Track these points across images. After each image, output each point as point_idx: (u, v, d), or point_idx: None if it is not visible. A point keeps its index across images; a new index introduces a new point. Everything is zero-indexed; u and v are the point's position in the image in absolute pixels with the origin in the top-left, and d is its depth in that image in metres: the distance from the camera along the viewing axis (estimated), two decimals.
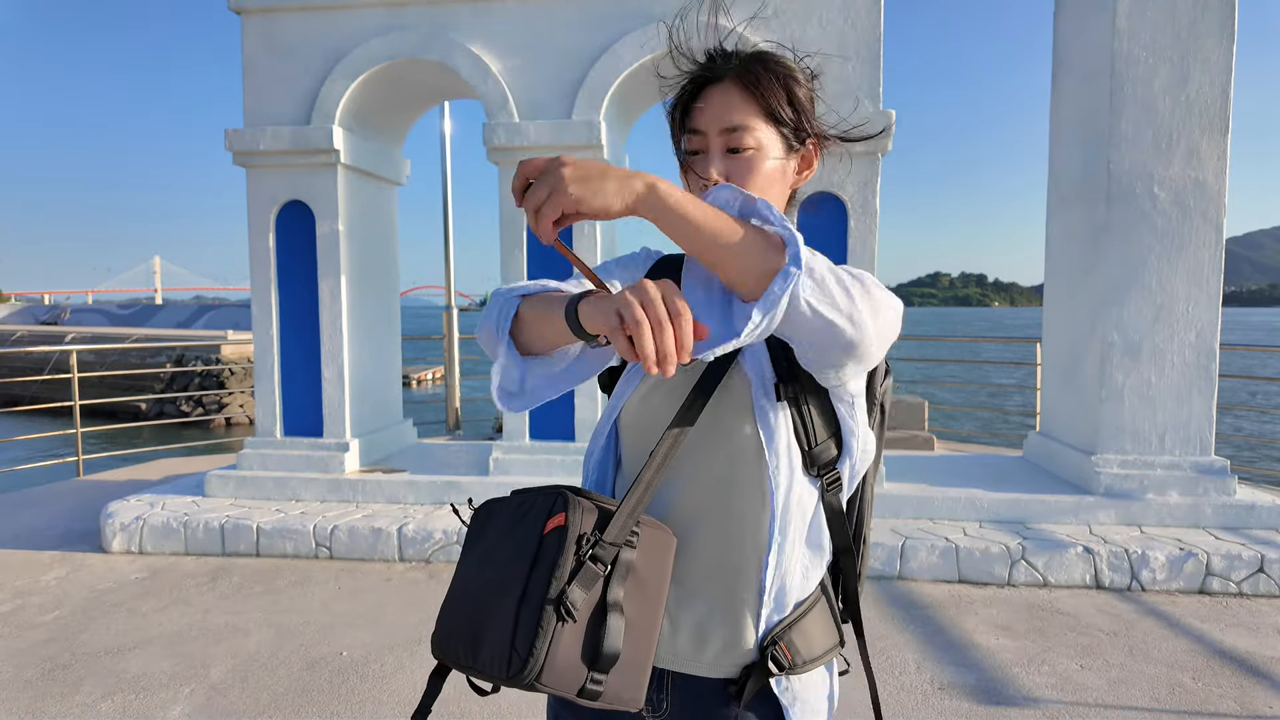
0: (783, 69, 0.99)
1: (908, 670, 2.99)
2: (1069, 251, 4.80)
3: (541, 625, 0.80)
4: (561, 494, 0.87)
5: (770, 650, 0.93)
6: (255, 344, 4.93)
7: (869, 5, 4.30)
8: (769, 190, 0.99)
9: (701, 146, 0.97)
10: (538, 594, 0.81)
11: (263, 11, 4.72)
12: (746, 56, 0.98)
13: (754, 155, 0.96)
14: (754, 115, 0.96)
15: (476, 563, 0.92)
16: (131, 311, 44.58)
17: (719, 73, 0.97)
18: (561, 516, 0.85)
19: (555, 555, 0.83)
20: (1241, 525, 4.10)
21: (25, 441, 10.80)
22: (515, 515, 0.91)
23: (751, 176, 0.96)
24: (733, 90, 0.96)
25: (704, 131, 0.96)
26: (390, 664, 3.05)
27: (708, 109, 0.96)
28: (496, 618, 0.83)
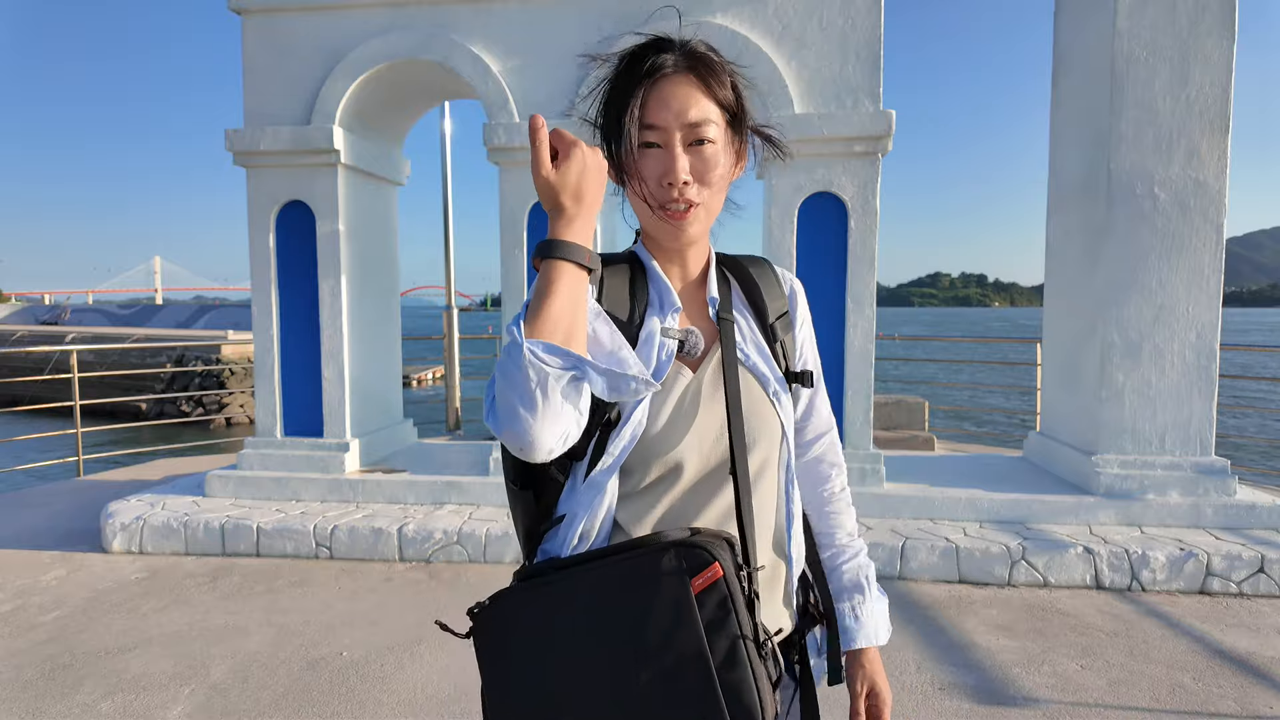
0: (724, 60, 0.99)
1: (908, 670, 2.99)
2: (1069, 252, 4.80)
3: (755, 672, 0.78)
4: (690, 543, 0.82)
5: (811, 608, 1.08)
6: (255, 344, 4.93)
7: (869, 5, 4.30)
8: (722, 184, 0.99)
9: (661, 140, 0.95)
10: (732, 648, 0.78)
11: (263, 11, 4.72)
12: (690, 46, 0.97)
13: (714, 150, 0.96)
14: (711, 106, 0.95)
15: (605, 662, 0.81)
16: (132, 311, 44.58)
17: (667, 64, 0.95)
18: (715, 568, 0.80)
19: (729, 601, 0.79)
20: (1242, 525, 4.10)
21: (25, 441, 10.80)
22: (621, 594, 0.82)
23: (713, 170, 0.95)
24: (690, 83, 0.94)
25: (662, 125, 0.94)
26: (391, 664, 3.05)
27: (669, 102, 0.94)
28: (688, 702, 0.77)
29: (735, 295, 1.09)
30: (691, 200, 0.95)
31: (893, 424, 7.20)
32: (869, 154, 4.33)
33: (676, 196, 0.95)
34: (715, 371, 1.00)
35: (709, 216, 1.00)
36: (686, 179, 0.94)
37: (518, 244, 4.69)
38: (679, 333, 1.00)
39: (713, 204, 0.98)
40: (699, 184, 0.95)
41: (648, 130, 0.94)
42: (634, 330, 0.98)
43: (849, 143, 4.31)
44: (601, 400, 0.91)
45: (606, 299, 0.99)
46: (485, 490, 4.64)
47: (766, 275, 1.11)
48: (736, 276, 1.10)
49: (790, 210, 4.38)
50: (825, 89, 4.34)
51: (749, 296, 1.09)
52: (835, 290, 4.40)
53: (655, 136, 0.95)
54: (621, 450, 0.93)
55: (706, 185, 0.96)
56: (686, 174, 0.94)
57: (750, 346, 1.03)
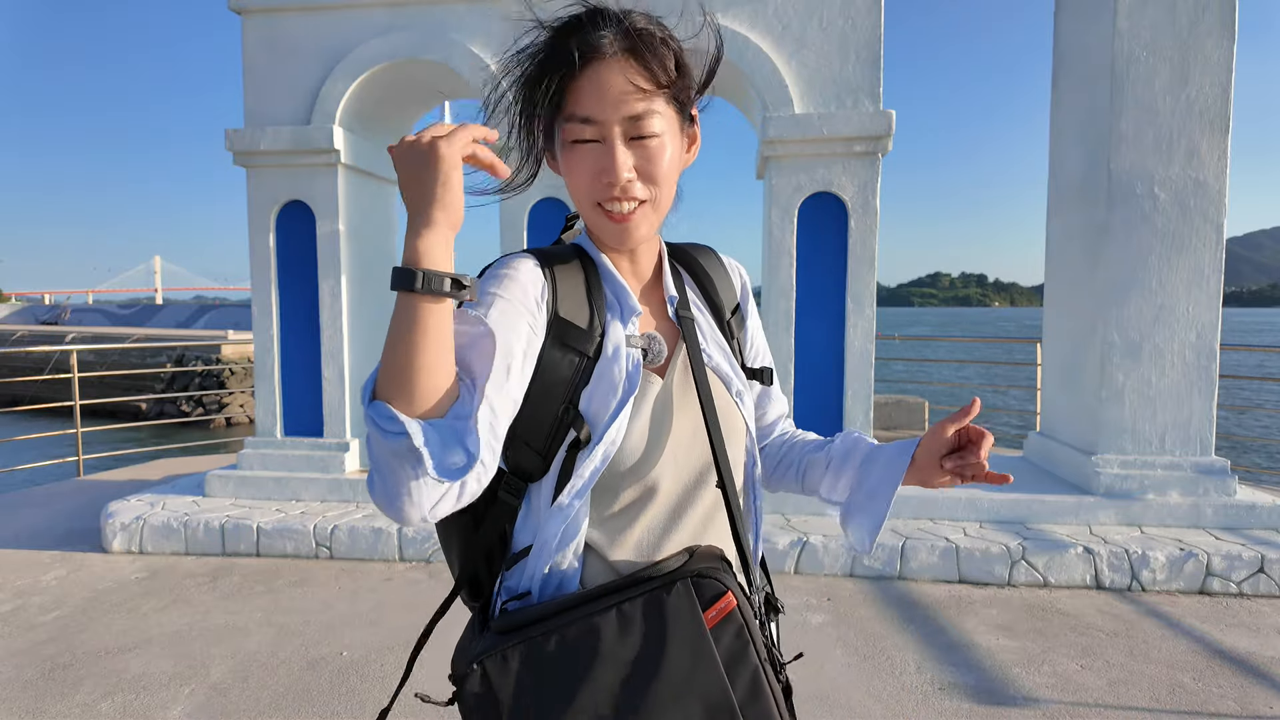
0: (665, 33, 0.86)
1: (908, 670, 2.99)
2: (1069, 252, 4.80)
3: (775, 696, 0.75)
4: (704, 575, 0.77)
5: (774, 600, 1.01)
6: (255, 344, 4.93)
7: (869, 5, 4.30)
8: (672, 177, 0.88)
9: (596, 135, 0.82)
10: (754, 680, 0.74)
11: (263, 11, 4.72)
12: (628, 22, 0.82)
13: (660, 144, 0.84)
14: (655, 94, 0.83)
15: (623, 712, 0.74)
16: (132, 311, 44.60)
17: (602, 47, 0.80)
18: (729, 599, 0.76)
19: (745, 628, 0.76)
20: (1242, 525, 4.10)
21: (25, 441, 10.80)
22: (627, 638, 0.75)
23: (660, 165, 0.84)
24: (630, 69, 0.81)
25: (599, 120, 0.81)
26: (391, 664, 3.05)
27: (605, 93, 0.80)
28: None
29: (690, 290, 1.02)
30: (636, 198, 0.85)
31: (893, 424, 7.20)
32: (869, 154, 4.32)
33: (618, 196, 0.84)
34: (683, 375, 0.93)
35: (657, 214, 0.89)
36: (630, 176, 0.84)
37: (518, 244, 4.69)
38: (641, 339, 0.91)
39: (661, 200, 0.88)
40: (645, 181, 0.85)
41: (582, 124, 0.82)
42: (596, 339, 0.88)
43: (849, 142, 4.31)
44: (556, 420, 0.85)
45: (563, 305, 0.88)
46: None
47: (716, 267, 1.04)
48: (687, 269, 1.03)
49: (790, 210, 4.38)
50: (825, 89, 4.34)
51: (704, 291, 1.02)
52: (835, 290, 4.40)
53: (591, 132, 0.82)
54: (593, 472, 0.84)
55: (653, 181, 0.85)
56: (629, 172, 0.83)
57: (712, 345, 0.97)
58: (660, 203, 0.88)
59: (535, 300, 0.86)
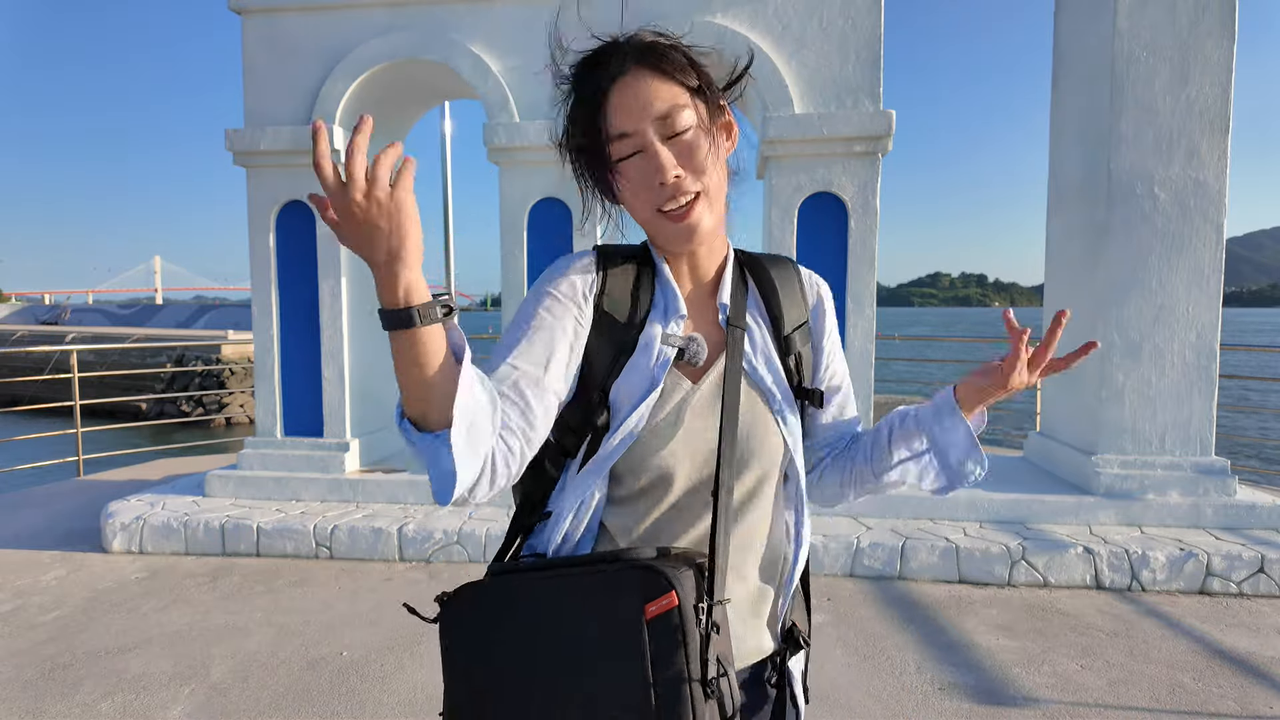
0: (669, 40, 0.93)
1: (908, 670, 2.99)
2: (1069, 252, 4.80)
3: (696, 712, 0.75)
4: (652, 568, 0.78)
5: (794, 632, 0.99)
6: (255, 344, 4.93)
7: (869, 5, 4.30)
8: (716, 166, 0.92)
9: (637, 146, 0.89)
10: (676, 684, 0.74)
11: (263, 11, 4.72)
12: (634, 45, 0.90)
13: (694, 133, 0.89)
14: (677, 91, 0.89)
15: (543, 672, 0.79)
16: (132, 311, 44.60)
17: (617, 68, 0.89)
18: (671, 597, 0.76)
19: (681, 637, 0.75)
20: (1242, 525, 4.10)
21: (25, 441, 10.80)
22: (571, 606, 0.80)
23: (698, 154, 0.89)
24: (645, 78, 0.88)
25: (633, 131, 0.88)
26: (391, 664, 3.05)
27: (631, 105, 0.88)
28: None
29: (752, 300, 1.02)
30: (689, 190, 0.90)
31: None
32: (869, 154, 4.32)
33: (673, 193, 0.89)
34: (717, 383, 0.95)
35: (715, 205, 0.93)
36: (677, 173, 0.88)
37: (518, 244, 4.69)
38: (679, 339, 0.94)
39: (713, 189, 0.92)
40: (692, 173, 0.89)
41: (621, 141, 0.89)
42: (633, 334, 0.94)
43: (849, 142, 4.31)
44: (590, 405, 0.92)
45: (608, 299, 0.95)
46: None
47: (790, 280, 1.04)
48: (756, 279, 1.03)
49: (790, 210, 4.38)
50: (825, 89, 4.34)
51: (766, 303, 1.02)
52: (835, 290, 4.39)
53: (630, 145, 0.89)
54: (610, 453, 0.90)
55: (700, 171, 0.90)
56: (675, 168, 0.88)
57: (760, 359, 0.98)
58: (713, 192, 0.92)
59: (584, 294, 0.95)
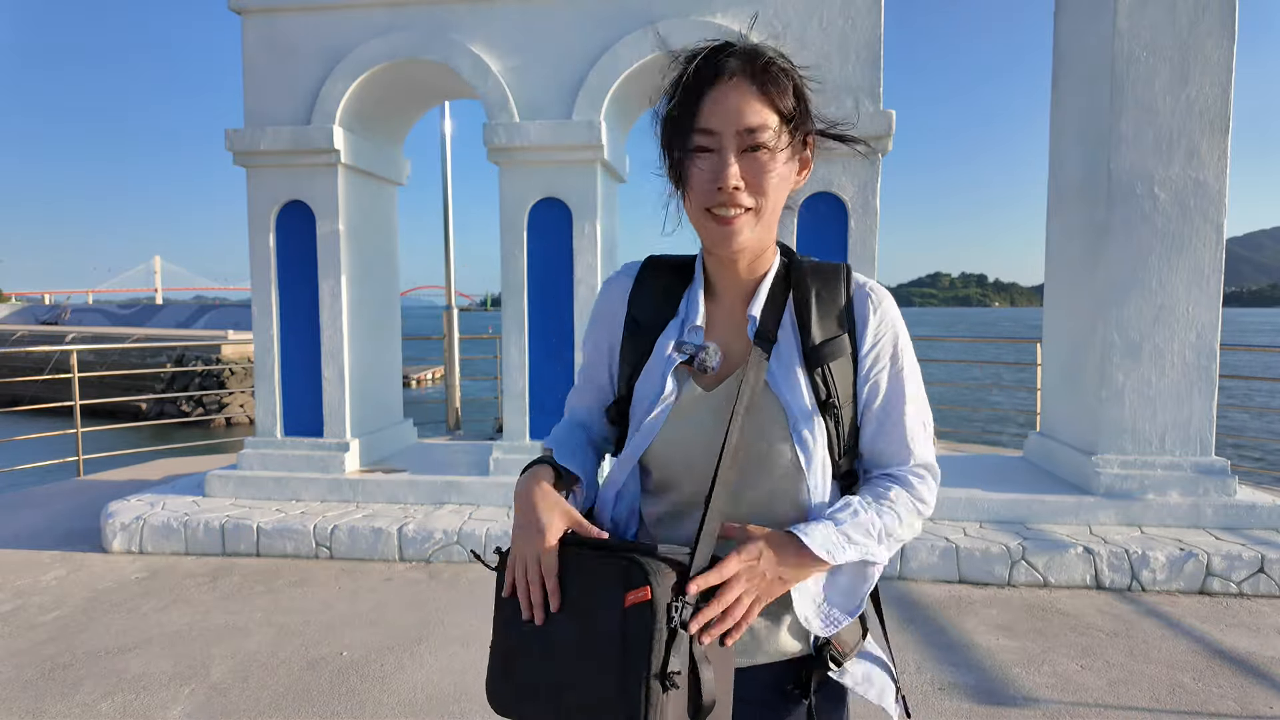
0: (786, 64, 0.95)
1: (908, 670, 2.99)
2: (1069, 252, 4.80)
3: (651, 704, 0.80)
4: (635, 561, 0.84)
5: (826, 650, 1.00)
6: (255, 344, 4.93)
7: (869, 5, 4.30)
8: (779, 191, 0.96)
9: (713, 145, 0.92)
10: (639, 674, 0.81)
11: (263, 11, 4.72)
12: (752, 51, 0.93)
13: (770, 156, 0.93)
14: (769, 113, 0.92)
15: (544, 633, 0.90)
16: (132, 311, 44.60)
17: (726, 69, 0.92)
18: (646, 591, 0.82)
19: (649, 631, 0.81)
20: (1242, 525, 4.10)
21: (25, 441, 10.80)
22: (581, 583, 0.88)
23: (767, 176, 0.93)
24: (745, 87, 0.91)
25: (718, 131, 0.92)
26: (391, 664, 3.05)
27: (722, 106, 0.91)
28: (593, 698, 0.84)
29: (788, 312, 1.03)
30: (742, 204, 0.93)
31: None
32: (869, 154, 4.32)
33: (725, 201, 0.93)
34: (731, 391, 0.97)
35: (761, 225, 0.96)
36: (738, 184, 0.92)
37: (518, 244, 4.69)
38: (690, 347, 0.99)
39: (766, 210, 0.95)
40: (752, 191, 0.93)
41: (703, 135, 0.92)
42: (651, 337, 1.04)
43: (838, 141, 4.29)
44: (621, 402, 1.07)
45: (636, 306, 1.06)
46: (485, 490, 4.64)
47: (831, 292, 1.03)
48: (797, 290, 1.03)
49: (790, 210, 4.37)
50: (825, 89, 4.34)
51: (799, 314, 1.02)
52: None
53: (710, 141, 0.92)
54: (632, 449, 1.01)
55: (761, 193, 0.93)
56: (738, 179, 0.92)
57: (783, 372, 0.99)
58: (765, 213, 0.95)
59: (617, 303, 1.09)
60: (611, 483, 1.04)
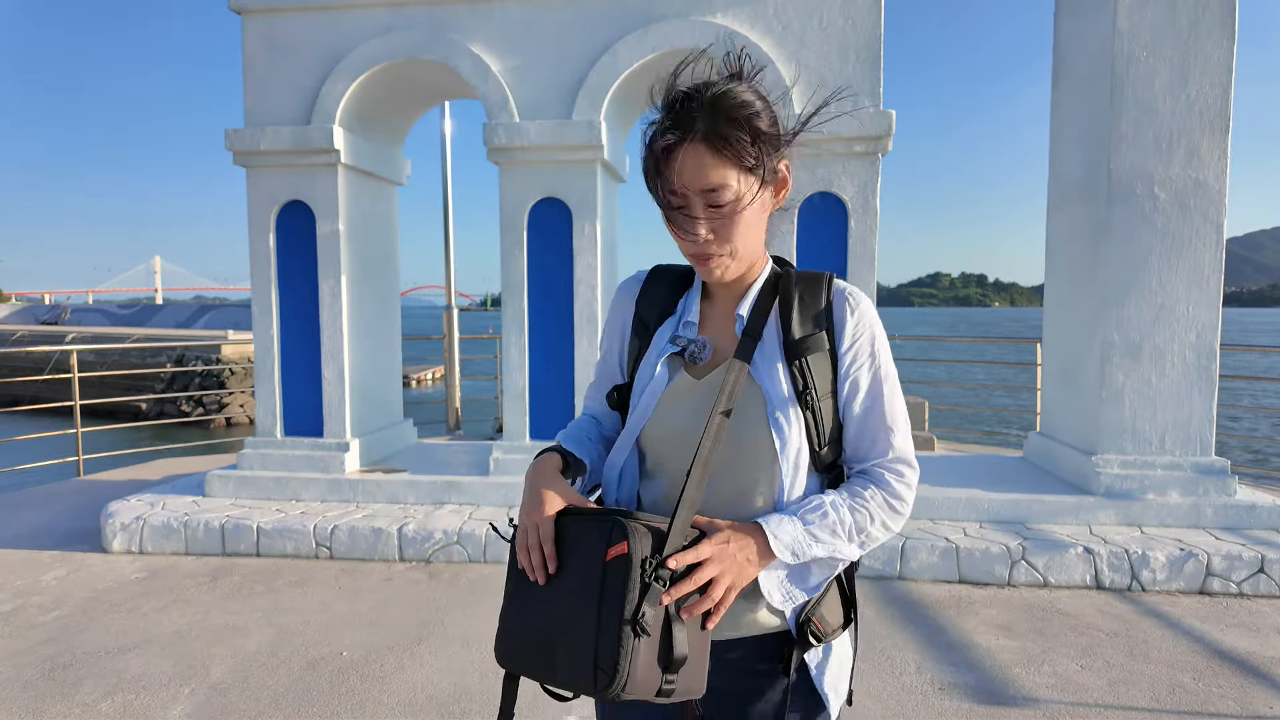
0: (745, 113, 0.99)
1: (908, 670, 2.99)
2: (1069, 252, 4.80)
3: (622, 646, 0.88)
4: (618, 522, 0.93)
5: (808, 626, 1.07)
6: (255, 344, 4.93)
7: (869, 5, 4.30)
8: (750, 233, 1.04)
9: (682, 203, 1.01)
10: (614, 619, 0.89)
11: (263, 11, 4.72)
12: (709, 112, 0.97)
13: (732, 208, 1.00)
14: (728, 171, 0.98)
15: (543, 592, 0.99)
16: (132, 311, 44.62)
17: (687, 132, 0.98)
18: (624, 546, 0.91)
19: (624, 581, 0.90)
20: (1242, 526, 4.10)
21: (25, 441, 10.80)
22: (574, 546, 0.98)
23: (734, 228, 1.02)
24: (703, 152, 0.97)
25: (681, 192, 1.00)
26: (391, 664, 3.05)
27: (684, 171, 0.99)
28: (576, 641, 0.92)
29: (774, 313, 1.12)
30: (714, 253, 1.03)
31: None
32: (869, 154, 4.33)
33: (698, 253, 1.04)
34: (717, 379, 1.07)
35: (737, 261, 1.06)
36: (708, 238, 1.02)
37: (518, 244, 4.69)
38: (683, 340, 1.11)
39: (740, 249, 1.04)
40: (722, 241, 1.02)
41: (672, 194, 1.01)
42: (651, 334, 1.16)
43: (849, 143, 4.31)
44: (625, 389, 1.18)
45: (641, 305, 1.19)
46: (485, 490, 4.64)
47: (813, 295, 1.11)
48: (783, 293, 1.12)
49: (790, 210, 4.37)
50: (825, 89, 4.34)
51: (783, 315, 1.11)
52: None
53: (678, 200, 1.01)
54: (629, 429, 1.12)
55: (727, 240, 1.02)
56: (708, 234, 1.02)
57: (765, 363, 1.07)
58: (740, 252, 1.05)
59: (627, 304, 1.22)
60: (612, 464, 1.14)
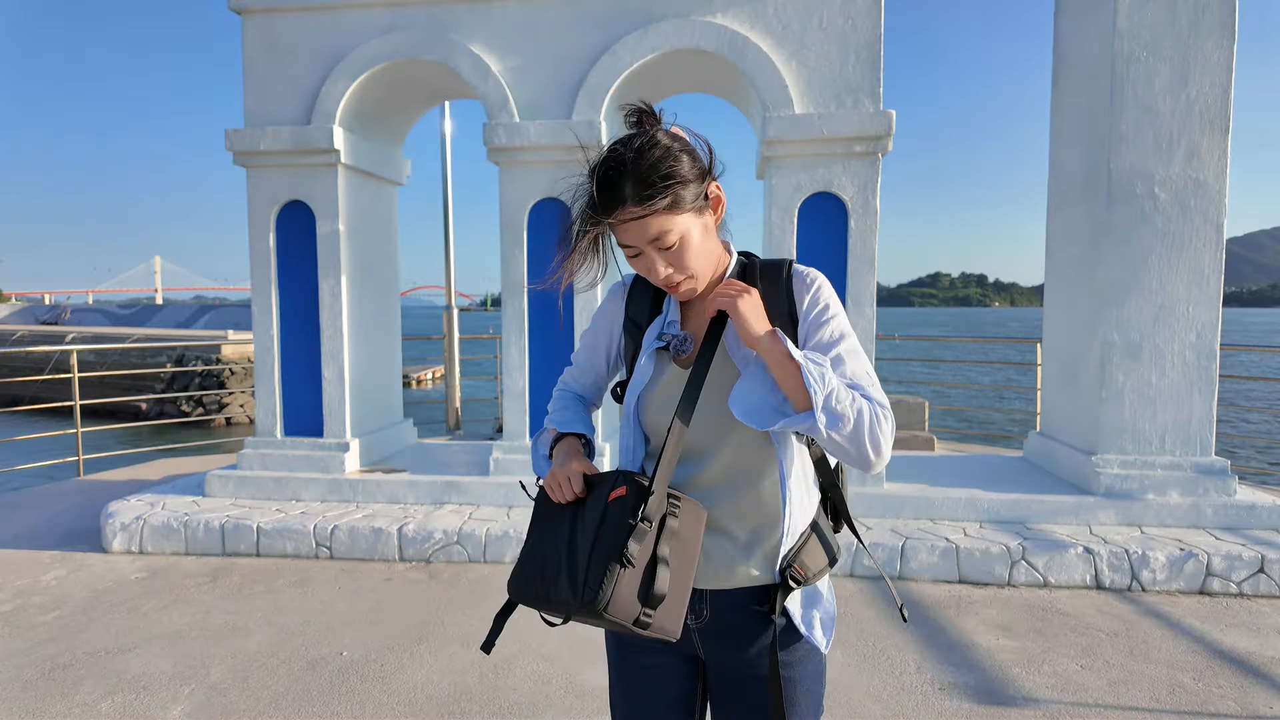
0: (664, 168, 1.10)
1: (908, 670, 2.99)
2: (1069, 252, 4.80)
3: (608, 570, 1.06)
4: (622, 473, 1.15)
5: (788, 571, 1.21)
6: (255, 344, 4.93)
7: (869, 5, 4.31)
8: (703, 255, 1.18)
9: (637, 252, 1.16)
10: (604, 547, 1.08)
11: (263, 11, 4.72)
12: (633, 178, 1.09)
13: (682, 243, 1.14)
14: (664, 220, 1.12)
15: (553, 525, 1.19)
16: (132, 311, 44.64)
17: (618, 201, 1.10)
18: (623, 489, 1.12)
19: (619, 518, 1.10)
20: (1242, 526, 4.10)
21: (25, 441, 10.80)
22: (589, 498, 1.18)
23: (687, 258, 1.16)
24: (637, 217, 1.11)
25: (632, 244, 1.15)
26: (391, 664, 3.05)
27: (629, 232, 1.13)
28: (573, 564, 1.11)
29: None
30: (677, 280, 1.18)
31: None
32: (869, 154, 4.33)
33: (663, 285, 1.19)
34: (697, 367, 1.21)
35: (702, 279, 1.21)
36: (668, 272, 1.16)
37: (518, 244, 4.69)
38: (669, 337, 1.26)
39: (699, 270, 1.19)
40: (677, 269, 1.17)
41: (625, 248, 1.17)
42: (643, 333, 1.30)
43: (849, 143, 4.31)
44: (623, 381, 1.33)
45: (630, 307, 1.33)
46: (485, 490, 4.64)
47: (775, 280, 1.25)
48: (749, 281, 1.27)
49: (790, 210, 4.38)
50: (825, 89, 4.35)
51: None
52: (836, 291, 4.40)
53: (632, 252, 1.16)
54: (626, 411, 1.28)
55: (684, 267, 1.17)
56: (666, 268, 1.16)
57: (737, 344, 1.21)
58: (700, 272, 1.19)
59: (618, 304, 1.36)
60: (625, 449, 1.30)
